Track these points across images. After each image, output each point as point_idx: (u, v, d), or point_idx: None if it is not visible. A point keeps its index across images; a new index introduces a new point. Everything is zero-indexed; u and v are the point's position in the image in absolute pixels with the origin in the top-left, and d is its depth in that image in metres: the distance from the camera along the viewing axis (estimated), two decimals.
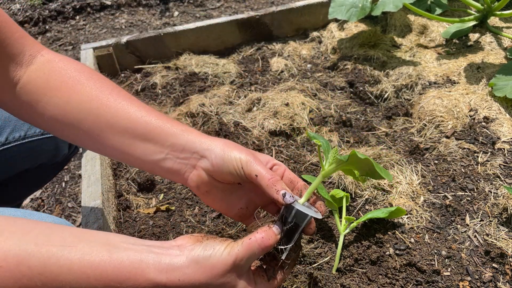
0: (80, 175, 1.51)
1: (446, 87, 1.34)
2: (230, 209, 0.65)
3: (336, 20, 1.79)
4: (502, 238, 0.89)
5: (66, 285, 0.46)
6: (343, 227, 0.87)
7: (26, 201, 1.45)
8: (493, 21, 1.70)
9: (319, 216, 0.58)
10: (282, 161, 1.14)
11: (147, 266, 0.49)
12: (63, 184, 1.49)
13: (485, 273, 0.83)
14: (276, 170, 0.64)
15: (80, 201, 1.40)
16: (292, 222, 0.56)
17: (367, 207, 0.99)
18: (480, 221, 0.93)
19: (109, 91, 0.63)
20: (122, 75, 1.61)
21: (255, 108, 1.33)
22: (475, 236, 0.90)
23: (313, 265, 0.87)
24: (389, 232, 0.92)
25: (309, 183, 0.90)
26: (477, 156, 1.09)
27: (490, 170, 1.04)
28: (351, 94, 1.42)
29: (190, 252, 0.51)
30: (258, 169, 0.57)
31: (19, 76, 0.62)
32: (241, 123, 1.27)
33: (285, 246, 0.57)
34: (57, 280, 0.46)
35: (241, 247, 0.51)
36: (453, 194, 1.00)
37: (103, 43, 1.56)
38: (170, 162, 0.61)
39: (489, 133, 1.14)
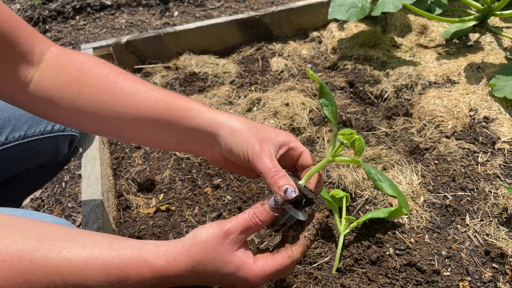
0: (80, 175, 1.51)
1: (446, 87, 1.34)
2: (249, 174, 0.69)
3: (336, 20, 1.79)
4: (502, 238, 0.89)
5: (67, 277, 0.47)
6: (343, 227, 0.87)
7: (26, 201, 1.45)
8: (493, 21, 1.70)
9: (304, 218, 0.58)
10: None
11: (147, 251, 0.51)
12: (63, 184, 1.49)
13: (485, 273, 0.83)
14: (291, 155, 0.64)
15: (80, 201, 1.40)
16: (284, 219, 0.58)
17: (367, 207, 0.99)
18: (480, 221, 0.93)
19: (114, 80, 0.64)
20: None
21: (255, 108, 1.33)
22: (475, 236, 0.90)
23: (313, 265, 0.87)
24: (389, 232, 0.92)
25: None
26: (477, 156, 1.09)
27: (490, 170, 1.04)
28: (351, 94, 1.42)
29: (185, 237, 0.54)
30: (262, 166, 0.57)
31: (31, 75, 0.62)
32: None
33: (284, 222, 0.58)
34: (59, 273, 0.46)
35: (233, 220, 0.53)
36: (453, 194, 1.00)
37: (103, 43, 1.56)
38: (186, 144, 0.66)
39: (489, 133, 1.14)
